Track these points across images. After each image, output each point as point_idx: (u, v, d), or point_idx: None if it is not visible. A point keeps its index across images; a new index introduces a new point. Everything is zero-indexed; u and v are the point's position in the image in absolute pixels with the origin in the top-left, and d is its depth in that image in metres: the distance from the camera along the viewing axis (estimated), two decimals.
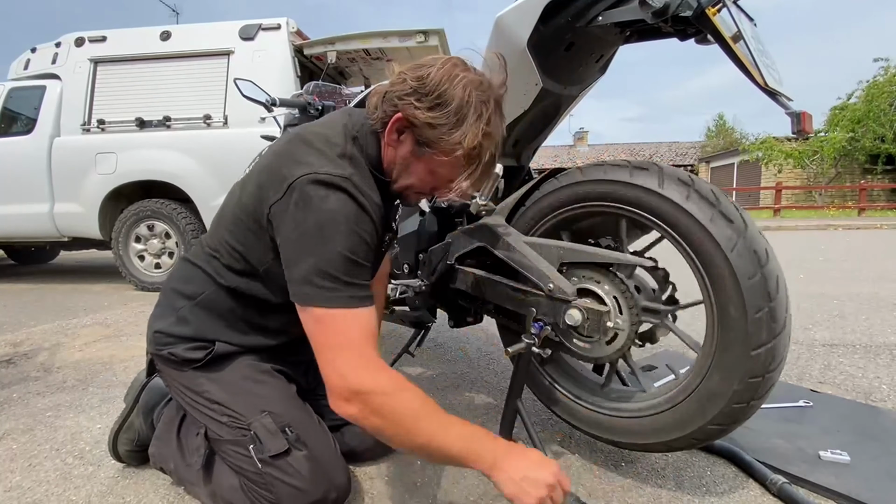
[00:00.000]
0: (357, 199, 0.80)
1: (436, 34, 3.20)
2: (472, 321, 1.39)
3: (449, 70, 0.81)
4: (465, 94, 0.80)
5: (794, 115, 0.77)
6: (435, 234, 1.30)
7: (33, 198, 3.75)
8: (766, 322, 0.78)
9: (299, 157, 0.82)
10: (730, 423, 0.85)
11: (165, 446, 1.00)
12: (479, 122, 0.81)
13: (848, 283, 3.34)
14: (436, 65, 0.82)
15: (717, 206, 0.81)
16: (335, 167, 0.81)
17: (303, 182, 0.78)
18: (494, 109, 0.84)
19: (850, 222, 9.77)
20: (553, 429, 1.27)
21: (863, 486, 0.96)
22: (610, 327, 0.93)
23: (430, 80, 0.80)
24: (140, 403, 1.10)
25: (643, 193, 0.87)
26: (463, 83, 0.80)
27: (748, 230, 0.79)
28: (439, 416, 0.76)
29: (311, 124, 0.93)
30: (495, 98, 0.84)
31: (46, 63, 3.86)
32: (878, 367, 1.69)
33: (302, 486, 0.85)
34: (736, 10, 0.80)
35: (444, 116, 0.80)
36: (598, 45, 0.99)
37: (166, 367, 0.97)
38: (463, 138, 0.80)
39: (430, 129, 0.81)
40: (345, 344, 0.75)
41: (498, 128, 0.85)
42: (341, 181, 0.79)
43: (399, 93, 0.82)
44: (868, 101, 15.29)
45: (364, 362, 0.75)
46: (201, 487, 0.93)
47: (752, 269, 0.78)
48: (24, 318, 2.76)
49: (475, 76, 0.83)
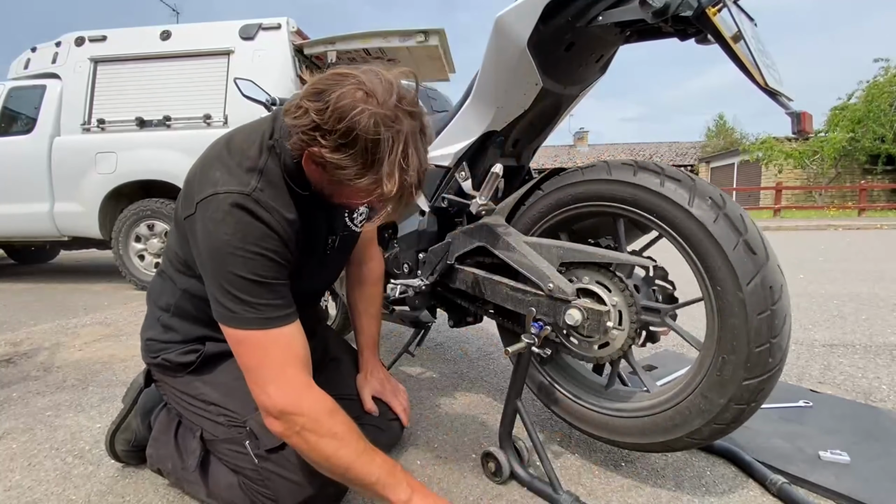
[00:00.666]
0: (260, 218, 0.78)
1: (436, 34, 3.19)
2: (472, 321, 1.39)
3: (351, 99, 0.70)
4: (372, 131, 0.69)
5: (795, 115, 0.77)
6: (435, 234, 1.30)
7: (33, 197, 3.74)
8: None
9: (209, 172, 0.81)
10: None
11: (163, 447, 1.00)
12: (392, 162, 0.71)
13: (848, 283, 3.34)
14: (336, 92, 0.71)
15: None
16: (238, 184, 0.78)
17: (205, 203, 0.78)
18: (410, 140, 0.74)
19: (850, 222, 9.76)
20: (553, 428, 1.27)
21: (862, 486, 0.96)
22: (609, 327, 0.93)
23: (330, 115, 0.70)
24: (138, 405, 1.11)
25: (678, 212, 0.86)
26: (368, 116, 0.69)
27: (769, 262, 0.80)
28: (360, 444, 0.79)
29: (242, 127, 0.90)
30: (409, 129, 0.73)
31: (46, 62, 3.86)
32: (878, 368, 1.69)
33: (299, 480, 0.85)
34: (736, 10, 0.80)
35: (352, 159, 0.71)
36: (598, 45, 0.99)
37: (162, 375, 1.00)
38: (378, 183, 0.72)
39: (341, 171, 0.73)
40: (266, 364, 0.77)
41: (416, 158, 0.75)
42: (242, 199, 0.77)
43: (303, 127, 0.73)
44: (868, 102, 15.29)
45: (285, 383, 0.77)
46: (200, 487, 0.94)
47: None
48: (24, 318, 2.76)
49: (380, 105, 0.71)
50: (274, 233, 0.79)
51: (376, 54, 3.54)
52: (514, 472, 1.01)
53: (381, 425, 1.11)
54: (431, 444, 1.20)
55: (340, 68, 0.75)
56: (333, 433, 0.77)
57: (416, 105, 0.76)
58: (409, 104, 0.74)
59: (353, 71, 0.74)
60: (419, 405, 1.43)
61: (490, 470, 1.04)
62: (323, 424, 0.76)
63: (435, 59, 3.46)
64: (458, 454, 1.15)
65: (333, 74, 0.74)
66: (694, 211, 0.83)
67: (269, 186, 0.81)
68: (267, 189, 0.81)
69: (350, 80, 0.72)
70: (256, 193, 0.79)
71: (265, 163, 0.82)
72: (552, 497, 0.93)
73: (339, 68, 0.75)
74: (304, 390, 0.78)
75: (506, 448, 1.04)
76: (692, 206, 0.83)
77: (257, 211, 0.78)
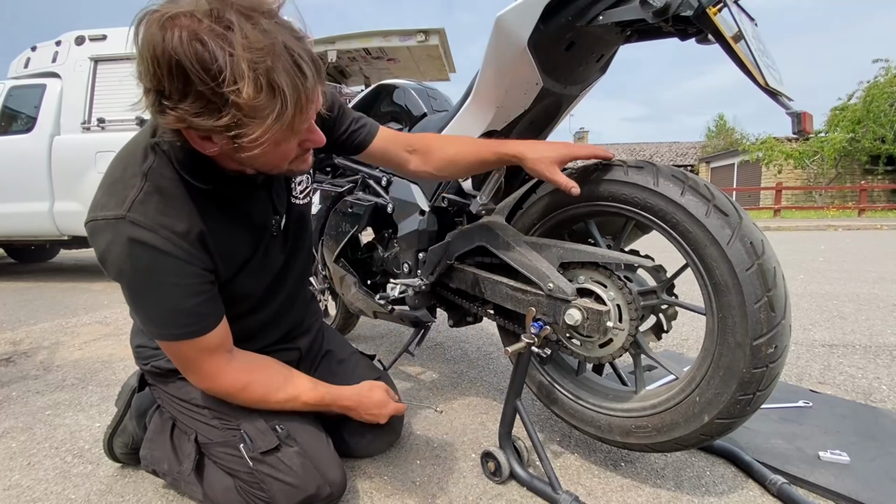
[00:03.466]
0: (142, 242, 0.69)
1: (436, 33, 3.20)
2: (472, 321, 1.39)
3: (155, 33, 0.57)
4: (190, 50, 0.56)
5: (795, 116, 0.77)
6: (435, 234, 1.30)
7: (33, 196, 3.75)
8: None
9: (97, 191, 0.75)
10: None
11: (158, 448, 0.98)
12: (241, 69, 0.57)
13: (848, 283, 3.34)
14: (142, 42, 0.58)
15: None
16: (115, 204, 0.70)
17: (89, 229, 0.73)
18: (249, 29, 0.58)
19: (850, 223, 9.77)
20: (553, 428, 1.27)
21: (862, 486, 0.96)
22: (610, 326, 0.93)
23: (150, 65, 0.57)
24: (132, 408, 1.09)
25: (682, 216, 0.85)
26: (178, 37, 0.56)
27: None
28: (288, 383, 0.92)
29: (138, 134, 0.81)
30: (237, 20, 0.57)
31: (46, 61, 3.86)
32: (878, 368, 1.69)
33: (294, 482, 0.85)
34: (737, 10, 0.80)
35: (209, 114, 0.59)
36: (598, 45, 0.98)
37: (154, 380, 1.00)
38: (260, 127, 0.60)
39: (220, 134, 0.62)
40: (191, 368, 0.84)
41: (291, 70, 0.60)
42: (118, 225, 0.69)
43: (150, 104, 0.62)
44: (868, 102, 15.32)
45: (209, 376, 0.85)
46: (197, 488, 0.93)
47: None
48: (24, 317, 2.76)
49: (190, 18, 0.57)
50: (163, 254, 0.71)
51: (377, 54, 3.54)
52: (514, 471, 1.01)
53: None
54: (431, 443, 1.20)
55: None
56: (261, 392, 0.89)
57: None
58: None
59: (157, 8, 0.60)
60: (419, 405, 1.43)
61: (489, 470, 1.04)
62: (251, 391, 0.88)
63: (435, 58, 3.47)
64: (458, 454, 1.15)
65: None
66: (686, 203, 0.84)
67: (156, 193, 0.72)
68: (151, 199, 0.72)
69: (146, 18, 0.58)
70: (133, 213, 0.70)
71: (150, 166, 0.73)
72: (551, 497, 0.93)
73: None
74: (223, 375, 0.85)
75: (505, 448, 1.04)
76: (683, 197, 0.84)
77: (136, 234, 0.69)
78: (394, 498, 0.98)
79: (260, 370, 0.90)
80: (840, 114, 16.15)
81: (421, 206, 1.29)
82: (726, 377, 0.83)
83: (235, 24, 0.57)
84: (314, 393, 0.93)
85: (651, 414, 0.94)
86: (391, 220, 1.39)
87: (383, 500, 0.97)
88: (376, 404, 1.00)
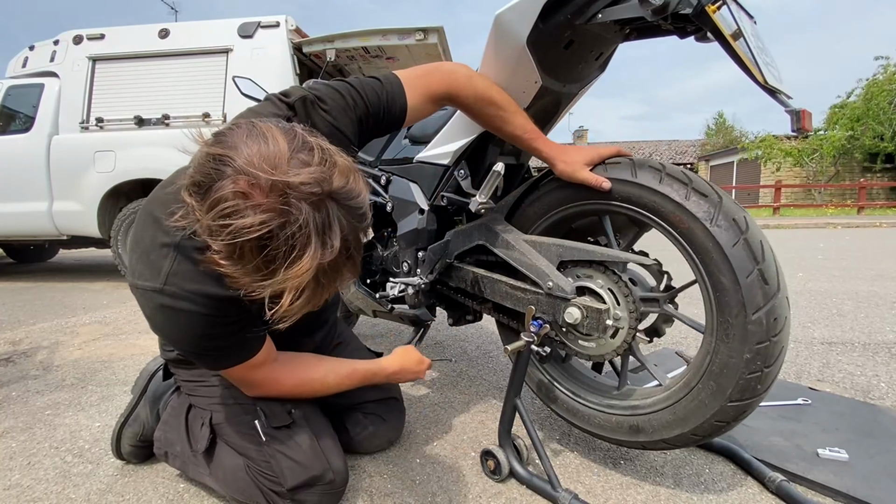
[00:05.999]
0: (182, 310, 0.73)
1: (435, 32, 3.19)
2: (472, 319, 1.39)
3: (232, 200, 0.55)
4: (256, 239, 0.56)
5: (794, 113, 0.77)
6: (434, 232, 1.30)
7: (32, 196, 3.74)
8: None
9: (132, 249, 0.79)
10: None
11: (173, 430, 1.02)
12: (293, 269, 0.57)
13: (847, 281, 3.35)
14: (216, 191, 0.56)
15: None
16: (151, 275, 0.74)
17: (133, 291, 0.77)
18: (313, 229, 0.57)
19: (849, 220, 9.78)
20: (552, 427, 1.27)
21: (861, 483, 0.96)
22: (610, 325, 0.93)
23: (213, 220, 0.56)
24: (147, 393, 1.13)
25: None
26: (250, 221, 0.55)
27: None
28: (332, 367, 1.00)
29: (158, 189, 0.81)
30: (309, 216, 0.56)
31: (44, 61, 3.85)
32: (877, 365, 1.69)
33: (302, 461, 0.88)
34: (736, 8, 0.80)
35: (246, 273, 0.59)
36: (597, 43, 0.98)
37: (177, 368, 1.03)
38: (279, 297, 0.60)
39: (241, 279, 0.61)
40: (247, 383, 0.91)
41: (328, 249, 0.58)
42: (158, 298, 0.73)
43: (193, 229, 0.62)
44: (867, 100, 15.31)
45: (266, 385, 0.91)
46: (204, 469, 0.96)
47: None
48: (23, 317, 2.76)
49: (266, 194, 0.55)
50: (201, 316, 0.75)
51: (375, 52, 3.54)
52: (513, 470, 1.02)
53: (384, 414, 1.14)
54: (431, 442, 1.20)
55: (235, 123, 0.64)
56: (305, 390, 0.96)
57: (316, 169, 0.58)
58: (304, 178, 0.56)
59: (240, 141, 0.58)
60: (418, 403, 1.43)
61: (489, 468, 1.04)
62: (295, 392, 0.95)
63: (434, 56, 3.46)
64: (458, 452, 1.15)
65: (213, 156, 0.57)
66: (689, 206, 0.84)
67: (187, 262, 0.73)
68: (183, 267, 0.73)
69: (230, 165, 0.56)
70: (169, 285, 0.73)
71: (181, 237, 0.72)
72: (551, 495, 0.94)
73: (234, 122, 0.65)
74: (267, 384, 0.92)
75: (505, 446, 1.04)
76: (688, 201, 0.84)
77: (177, 305, 0.73)
78: (393, 496, 0.98)
79: (304, 365, 0.98)
80: (839, 112, 16.14)
81: (420, 205, 1.29)
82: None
83: (304, 218, 0.57)
84: (361, 367, 1.03)
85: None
86: (390, 218, 1.39)
87: (383, 499, 0.97)
88: (416, 362, 1.13)
